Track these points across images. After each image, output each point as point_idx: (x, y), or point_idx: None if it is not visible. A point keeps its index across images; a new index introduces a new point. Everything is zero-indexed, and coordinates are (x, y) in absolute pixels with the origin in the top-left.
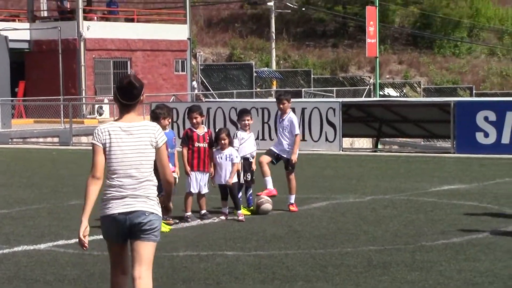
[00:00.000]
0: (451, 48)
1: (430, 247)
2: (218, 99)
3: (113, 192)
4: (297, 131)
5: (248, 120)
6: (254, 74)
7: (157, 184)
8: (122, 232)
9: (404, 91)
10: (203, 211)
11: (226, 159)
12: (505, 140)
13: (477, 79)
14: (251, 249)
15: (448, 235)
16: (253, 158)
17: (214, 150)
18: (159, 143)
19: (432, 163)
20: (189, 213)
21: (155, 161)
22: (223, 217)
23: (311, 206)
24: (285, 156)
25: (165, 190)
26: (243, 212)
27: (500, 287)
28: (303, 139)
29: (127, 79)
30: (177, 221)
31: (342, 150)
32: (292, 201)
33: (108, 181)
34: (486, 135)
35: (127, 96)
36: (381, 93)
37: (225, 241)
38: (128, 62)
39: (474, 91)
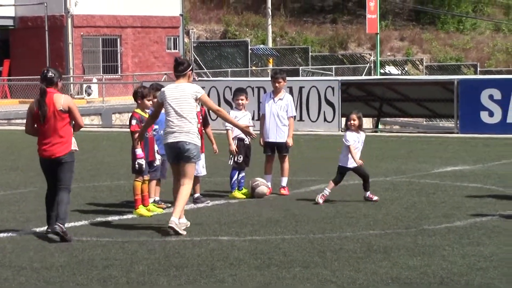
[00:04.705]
0: (455, 23)
1: (433, 231)
2: (212, 78)
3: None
4: (294, 112)
5: (243, 99)
6: (250, 52)
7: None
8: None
9: (406, 69)
10: (197, 195)
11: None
12: (510, 119)
13: (481, 56)
14: (247, 234)
15: (451, 219)
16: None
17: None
18: (198, 95)
19: (434, 144)
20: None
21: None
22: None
23: (309, 189)
24: (280, 141)
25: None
26: (236, 195)
27: (505, 272)
28: (300, 119)
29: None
30: (170, 205)
31: (341, 131)
32: (284, 184)
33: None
34: (491, 114)
35: (175, 69)
36: (381, 71)
37: (219, 225)
38: (118, 40)
39: (478, 69)
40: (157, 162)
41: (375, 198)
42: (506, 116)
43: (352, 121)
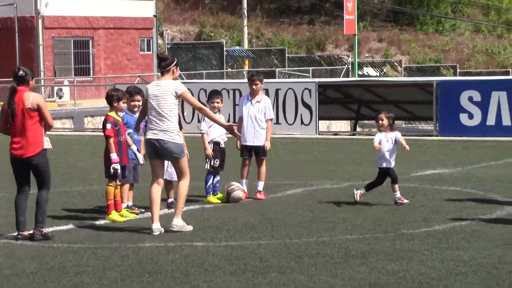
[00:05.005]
0: (434, 24)
1: (411, 235)
2: (186, 80)
3: (148, 124)
4: (272, 115)
5: (218, 102)
6: (225, 54)
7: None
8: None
9: (384, 70)
10: (170, 200)
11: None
12: (490, 121)
13: (461, 58)
14: (222, 239)
15: (430, 223)
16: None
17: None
18: (178, 92)
19: (413, 147)
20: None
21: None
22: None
23: (285, 193)
24: (258, 144)
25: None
26: (211, 200)
27: (485, 277)
28: (277, 122)
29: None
30: (143, 210)
31: (319, 134)
32: (260, 188)
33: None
34: (471, 116)
35: (159, 65)
36: (359, 72)
37: (194, 231)
38: (90, 41)
39: (458, 70)
40: (141, 161)
41: (405, 201)
42: (485, 119)
43: (380, 121)
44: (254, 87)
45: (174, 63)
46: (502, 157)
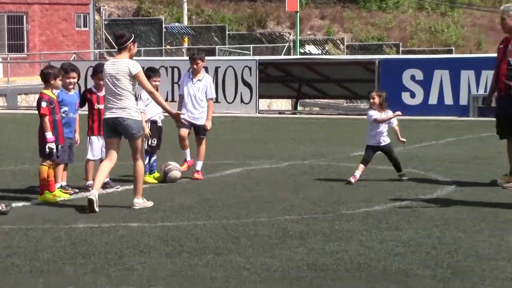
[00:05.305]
0: (377, 2)
1: (351, 216)
2: None
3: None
4: (213, 94)
5: (156, 80)
6: (164, 30)
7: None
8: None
9: (327, 48)
10: (106, 179)
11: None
12: (432, 100)
13: (404, 36)
14: (158, 220)
15: (370, 203)
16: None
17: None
18: (132, 72)
19: (355, 126)
20: (90, 182)
21: None
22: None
23: (223, 173)
24: (198, 122)
25: None
26: (147, 180)
27: (423, 257)
28: (217, 101)
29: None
30: (77, 190)
31: (259, 113)
32: (199, 168)
33: None
34: (413, 95)
35: (116, 43)
36: (301, 50)
37: (129, 211)
38: (24, 17)
39: (401, 48)
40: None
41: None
42: (428, 98)
43: (371, 100)
44: (195, 66)
45: (131, 39)
46: (444, 136)
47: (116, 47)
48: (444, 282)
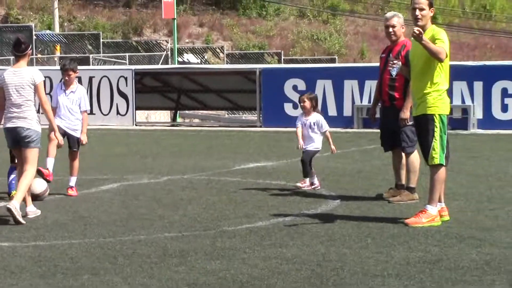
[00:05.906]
0: (257, 9)
1: (233, 233)
2: None
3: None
4: (87, 106)
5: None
6: (35, 38)
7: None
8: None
9: (206, 57)
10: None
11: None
12: None
13: (286, 44)
14: (30, 239)
15: (253, 219)
16: None
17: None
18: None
19: (236, 138)
20: None
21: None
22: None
23: (99, 188)
24: (72, 134)
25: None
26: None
27: (308, 275)
28: (91, 113)
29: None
30: None
31: (136, 125)
32: (73, 184)
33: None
34: (295, 106)
35: (16, 50)
36: (179, 59)
37: None
38: None
39: (282, 57)
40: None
41: (299, 184)
42: None
43: (302, 103)
44: (67, 77)
45: (30, 46)
46: (328, 149)
47: (14, 55)
48: None
